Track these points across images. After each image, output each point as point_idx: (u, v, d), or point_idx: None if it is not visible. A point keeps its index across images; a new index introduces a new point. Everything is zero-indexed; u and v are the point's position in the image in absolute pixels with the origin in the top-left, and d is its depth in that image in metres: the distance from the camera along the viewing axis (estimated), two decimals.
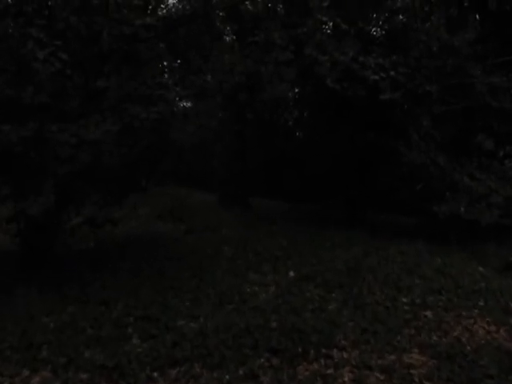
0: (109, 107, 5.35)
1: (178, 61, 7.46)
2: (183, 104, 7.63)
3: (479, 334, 4.52)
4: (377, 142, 8.96)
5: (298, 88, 11.78)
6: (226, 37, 10.93)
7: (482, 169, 7.97)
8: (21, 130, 4.52)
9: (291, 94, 12.66)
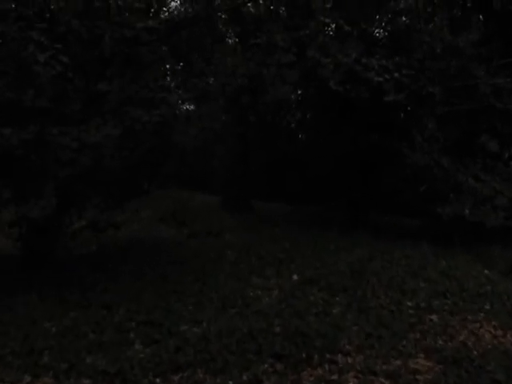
0: (110, 110, 5.33)
1: (181, 63, 7.45)
2: (186, 107, 7.64)
3: (486, 339, 4.47)
4: (380, 144, 8.92)
5: (301, 90, 11.75)
6: (229, 39, 10.96)
7: (487, 170, 7.91)
8: (22, 133, 4.51)
9: (294, 96, 12.65)
